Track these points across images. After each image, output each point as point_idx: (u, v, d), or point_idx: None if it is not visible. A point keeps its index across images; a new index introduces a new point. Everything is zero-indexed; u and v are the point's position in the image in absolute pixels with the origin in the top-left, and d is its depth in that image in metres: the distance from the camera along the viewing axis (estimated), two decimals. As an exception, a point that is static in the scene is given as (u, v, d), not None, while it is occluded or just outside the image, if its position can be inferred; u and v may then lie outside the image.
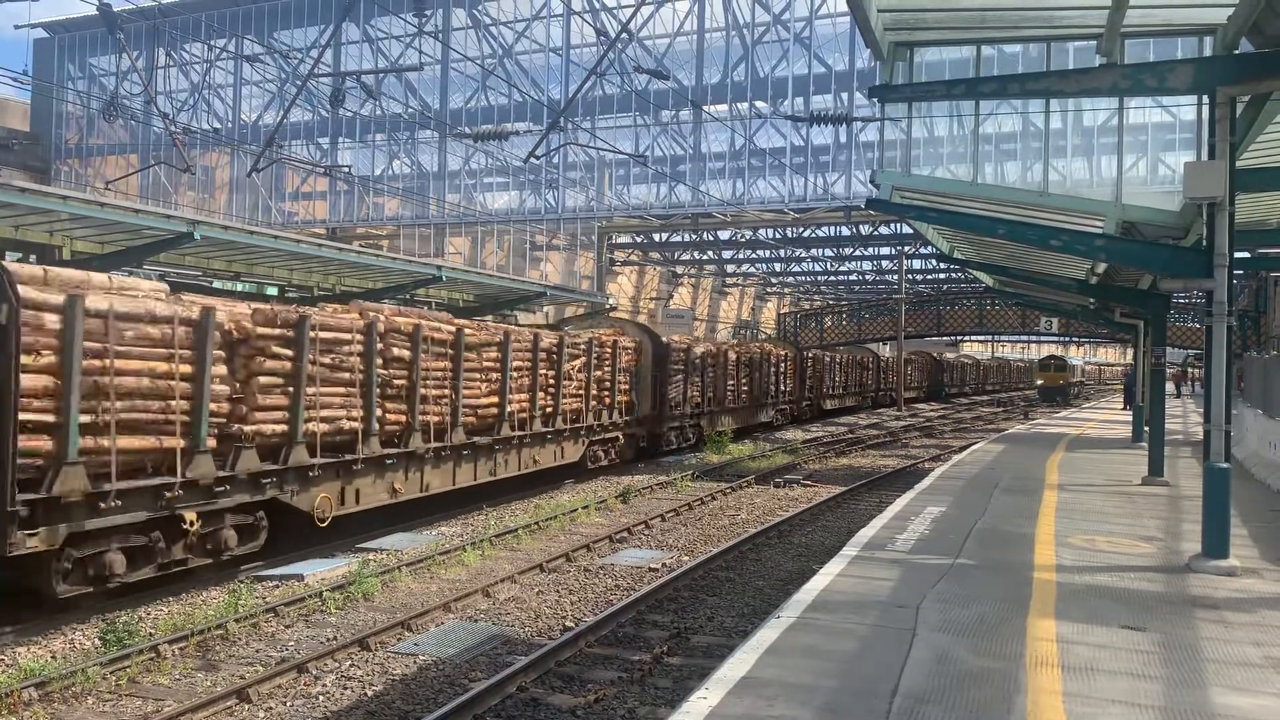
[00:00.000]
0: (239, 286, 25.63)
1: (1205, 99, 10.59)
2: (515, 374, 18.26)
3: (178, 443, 10.91)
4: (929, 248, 41.97)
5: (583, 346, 21.09)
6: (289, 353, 12.62)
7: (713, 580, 12.60)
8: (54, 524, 9.73)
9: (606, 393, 22.32)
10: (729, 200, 40.58)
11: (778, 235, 49.86)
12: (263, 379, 12.28)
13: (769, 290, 79.01)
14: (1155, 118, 16.36)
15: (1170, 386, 50.99)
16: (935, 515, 12.57)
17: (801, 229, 49.21)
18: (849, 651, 6.72)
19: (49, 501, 9.62)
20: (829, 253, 57.54)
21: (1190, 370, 71.80)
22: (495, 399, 17.63)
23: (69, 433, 9.68)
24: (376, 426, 14.32)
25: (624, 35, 31.31)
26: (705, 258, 59.45)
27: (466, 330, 16.67)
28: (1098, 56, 13.24)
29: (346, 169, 39.69)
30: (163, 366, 10.77)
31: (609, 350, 22.36)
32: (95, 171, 50.67)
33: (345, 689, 8.48)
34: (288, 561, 12.84)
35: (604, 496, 18.68)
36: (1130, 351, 50.14)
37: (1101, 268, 19.67)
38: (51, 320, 9.62)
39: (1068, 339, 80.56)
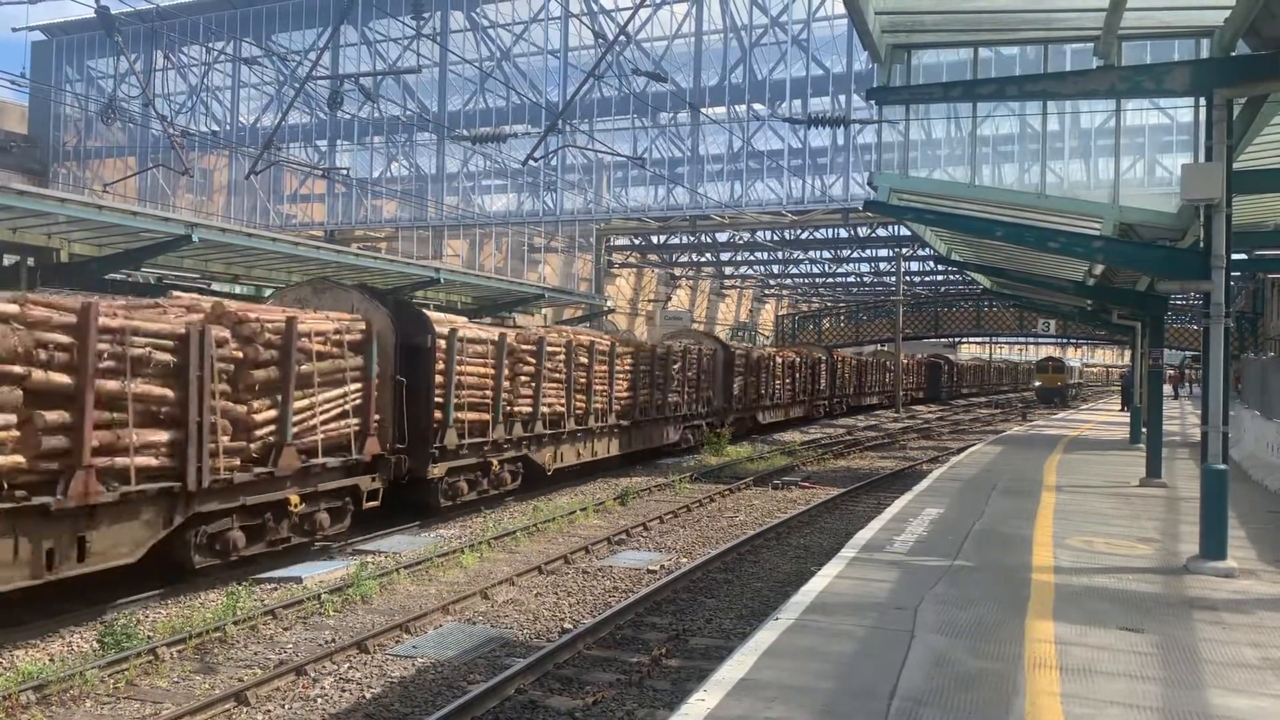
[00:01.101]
0: (237, 289, 25.59)
1: (1202, 101, 10.59)
2: (643, 375, 24.09)
3: (488, 417, 17.16)
4: (926, 250, 42.01)
5: (679, 353, 26.67)
6: (534, 361, 18.64)
7: (711, 582, 12.59)
8: (444, 461, 15.89)
9: (693, 389, 27.87)
10: (727, 202, 40.58)
11: (776, 237, 49.90)
12: (521, 377, 18.42)
13: (767, 292, 79.02)
14: (1152, 120, 16.36)
15: (1168, 388, 50.96)
16: (933, 517, 12.58)
17: (799, 231, 49.25)
18: (847, 653, 6.72)
19: (441, 448, 15.74)
20: (827, 255, 57.59)
21: (1188, 372, 71.82)
22: (630, 393, 23.40)
23: (449, 408, 15.82)
24: (572, 410, 20.20)
25: (622, 38, 31.32)
26: (703, 260, 59.47)
27: (618, 345, 22.76)
28: (1095, 58, 13.23)
29: (344, 171, 39.73)
30: (481, 369, 16.95)
31: (694, 356, 27.85)
32: (93, 174, 50.60)
33: (343, 691, 8.47)
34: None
35: (602, 498, 18.69)
36: (1128, 353, 50.17)
37: (1099, 269, 19.69)
38: (442, 344, 15.70)
39: (1065, 340, 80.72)
